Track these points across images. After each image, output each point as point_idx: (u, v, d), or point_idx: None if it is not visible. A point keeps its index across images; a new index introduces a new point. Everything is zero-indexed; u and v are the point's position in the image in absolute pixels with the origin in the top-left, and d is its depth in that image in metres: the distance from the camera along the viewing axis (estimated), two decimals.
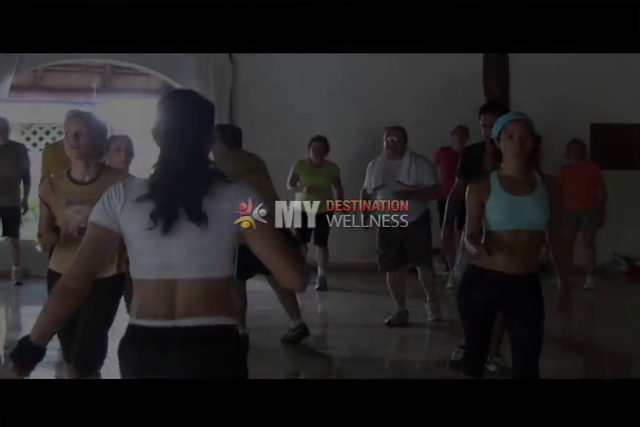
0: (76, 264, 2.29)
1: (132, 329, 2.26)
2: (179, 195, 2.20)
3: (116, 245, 2.32)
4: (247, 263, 3.98)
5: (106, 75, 9.88)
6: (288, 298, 5.66)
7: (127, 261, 2.38)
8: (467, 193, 3.64)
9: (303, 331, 5.68)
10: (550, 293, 3.61)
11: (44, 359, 2.29)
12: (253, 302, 6.34)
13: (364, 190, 6.37)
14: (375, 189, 6.21)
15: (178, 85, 8.75)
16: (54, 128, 9.70)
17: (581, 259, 8.12)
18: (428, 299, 6.38)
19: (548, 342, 3.58)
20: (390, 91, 9.19)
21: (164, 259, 2.22)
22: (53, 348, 4.56)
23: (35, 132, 10.44)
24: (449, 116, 8.52)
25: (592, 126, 9.29)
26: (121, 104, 9.94)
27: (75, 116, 3.69)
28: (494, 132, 3.59)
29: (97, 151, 3.68)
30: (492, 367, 4.68)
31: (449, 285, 7.97)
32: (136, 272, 2.28)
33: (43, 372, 4.52)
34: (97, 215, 2.27)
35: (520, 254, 3.51)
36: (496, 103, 5.11)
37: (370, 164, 6.36)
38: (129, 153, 4.67)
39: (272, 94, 9.18)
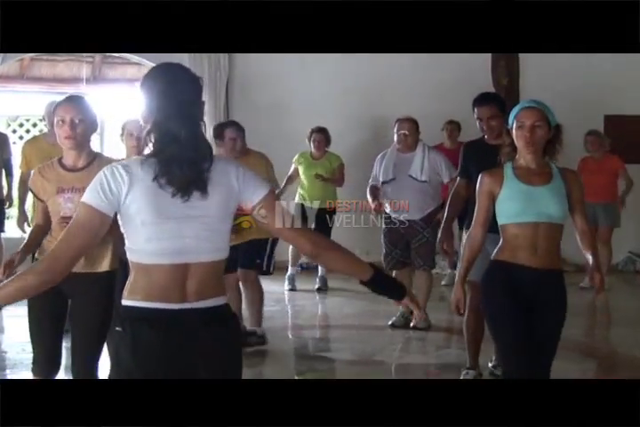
0: (61, 246, 2.28)
1: (142, 311, 2.29)
2: (189, 164, 2.26)
3: (104, 232, 2.31)
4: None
5: (95, 64, 9.88)
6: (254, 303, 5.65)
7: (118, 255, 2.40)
8: (478, 184, 3.65)
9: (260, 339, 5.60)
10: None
11: (25, 362, 2.32)
12: None
13: (372, 184, 6.33)
14: (384, 183, 6.19)
15: None
16: (42, 120, 9.69)
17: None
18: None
19: (560, 344, 3.58)
20: (394, 81, 9.19)
21: (178, 244, 2.29)
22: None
23: (21, 125, 10.44)
24: (455, 109, 8.50)
25: (606, 118, 9.28)
26: (111, 95, 9.94)
27: (69, 101, 3.59)
28: (509, 121, 3.61)
29: (90, 139, 3.65)
30: (499, 371, 4.69)
31: (443, 282, 7.98)
32: (144, 258, 2.31)
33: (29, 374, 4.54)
34: (93, 198, 2.27)
35: (543, 249, 3.50)
36: (490, 95, 5.08)
37: (379, 156, 6.33)
38: (141, 139, 4.66)
39: (269, 85, 9.19)
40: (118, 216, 2.32)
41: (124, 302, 2.34)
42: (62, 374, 3.82)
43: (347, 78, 9.20)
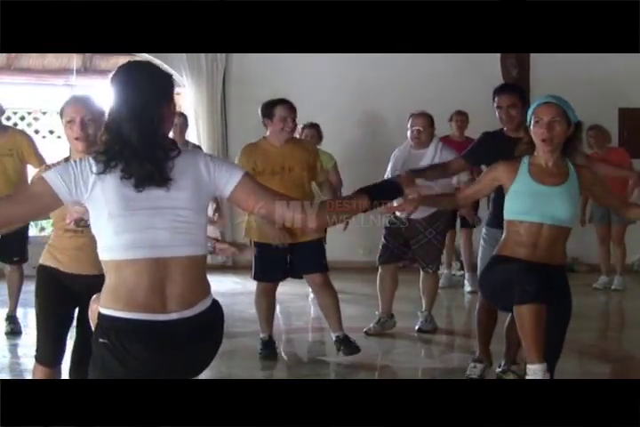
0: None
1: (126, 323, 2.29)
2: (144, 163, 2.28)
3: (45, 215, 2.42)
4: None
5: (86, 55, 9.84)
6: None
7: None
8: (490, 166, 3.68)
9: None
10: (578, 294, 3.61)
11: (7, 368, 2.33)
12: (250, 305, 6.30)
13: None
14: None
15: (166, 67, 8.71)
16: (30, 113, 9.67)
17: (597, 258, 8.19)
18: (423, 307, 6.31)
19: (573, 347, 3.56)
20: (400, 72, 9.15)
21: (149, 236, 2.29)
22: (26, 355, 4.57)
23: (8, 118, 10.39)
24: (463, 100, 8.47)
25: (620, 111, 9.24)
26: (103, 87, 9.91)
27: (77, 101, 3.62)
28: (527, 118, 3.60)
29: (98, 140, 3.67)
30: (509, 376, 4.66)
31: (468, 289, 7.92)
32: (115, 253, 2.31)
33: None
34: (55, 179, 2.29)
35: (543, 249, 3.51)
36: (511, 85, 5.10)
37: (395, 151, 6.26)
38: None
39: (267, 78, 9.16)
40: (89, 212, 2.34)
41: (104, 311, 2.33)
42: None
43: (346, 71, 9.16)
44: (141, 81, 2.35)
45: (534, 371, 3.44)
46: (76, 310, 3.72)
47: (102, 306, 2.34)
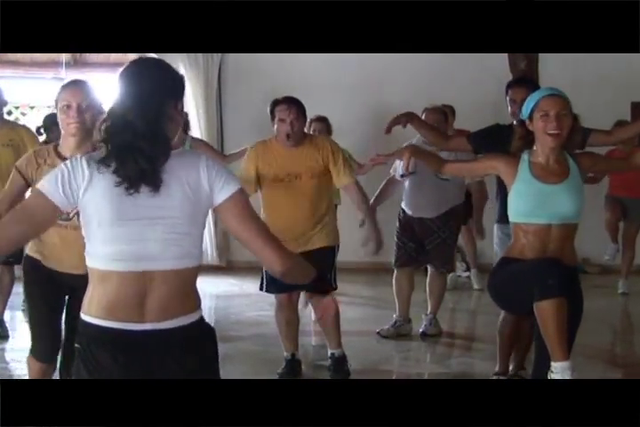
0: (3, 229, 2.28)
1: (97, 330, 2.29)
2: (143, 156, 2.24)
3: (50, 225, 2.41)
4: None
5: None
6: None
7: None
8: (490, 155, 3.67)
9: None
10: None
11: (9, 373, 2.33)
12: (247, 307, 6.34)
13: (392, 176, 6.22)
14: (403, 176, 6.08)
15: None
16: (17, 108, 9.66)
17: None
18: (428, 310, 6.30)
19: (579, 352, 3.56)
20: (404, 66, 9.14)
21: (138, 249, 2.26)
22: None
23: None
24: (469, 94, 8.47)
25: (632, 105, 9.24)
26: (93, 80, 9.89)
27: (75, 85, 3.63)
28: (524, 111, 3.58)
29: (95, 127, 3.66)
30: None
31: (476, 287, 7.94)
32: (99, 263, 2.29)
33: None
34: (50, 188, 2.27)
35: (553, 251, 3.51)
36: (525, 78, 5.11)
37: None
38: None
39: (265, 70, 9.16)
40: (80, 215, 2.33)
41: (82, 317, 2.34)
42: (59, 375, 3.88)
43: (347, 66, 9.14)
44: (152, 74, 2.33)
45: (562, 368, 3.41)
46: (66, 301, 3.75)
47: (82, 311, 2.34)
